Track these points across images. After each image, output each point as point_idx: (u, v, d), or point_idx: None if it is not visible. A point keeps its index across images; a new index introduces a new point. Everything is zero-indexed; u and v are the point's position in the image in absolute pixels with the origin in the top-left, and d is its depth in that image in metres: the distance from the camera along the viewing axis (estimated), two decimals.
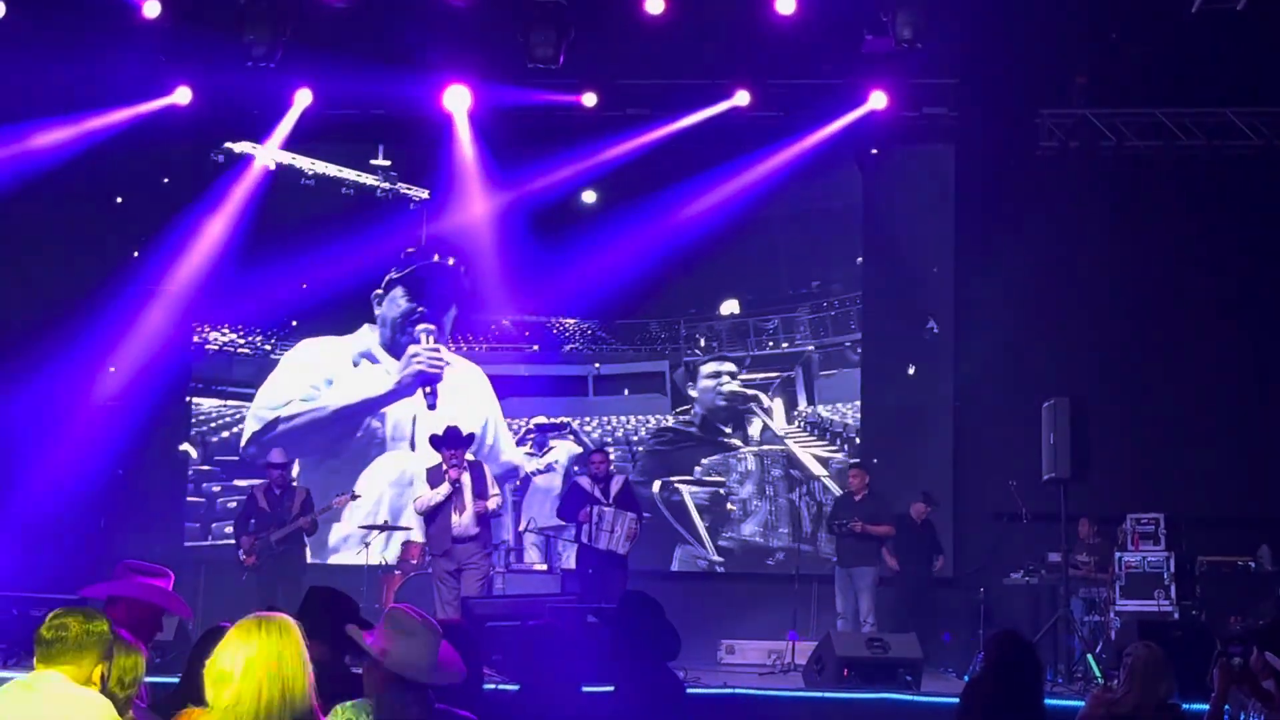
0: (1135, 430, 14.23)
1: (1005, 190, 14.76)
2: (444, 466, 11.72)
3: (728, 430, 15.58)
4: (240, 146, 15.59)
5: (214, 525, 15.28)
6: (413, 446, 15.49)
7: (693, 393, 15.71)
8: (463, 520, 11.64)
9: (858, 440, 14.98)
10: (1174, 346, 14.53)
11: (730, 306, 15.59)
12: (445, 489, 11.64)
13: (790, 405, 15.40)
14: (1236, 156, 14.57)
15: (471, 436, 12.14)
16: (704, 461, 15.57)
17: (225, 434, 15.65)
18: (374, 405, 15.82)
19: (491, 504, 11.85)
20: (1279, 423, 14.23)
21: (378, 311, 15.93)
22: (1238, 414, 14.33)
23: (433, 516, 11.76)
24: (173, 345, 15.19)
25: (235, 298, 15.57)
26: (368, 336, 15.87)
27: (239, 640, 3.90)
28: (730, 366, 15.68)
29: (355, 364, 15.89)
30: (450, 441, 11.81)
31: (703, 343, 15.65)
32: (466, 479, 11.71)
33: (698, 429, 15.67)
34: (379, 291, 15.87)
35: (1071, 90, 14.70)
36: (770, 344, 15.53)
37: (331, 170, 15.86)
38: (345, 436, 15.72)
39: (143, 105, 14.51)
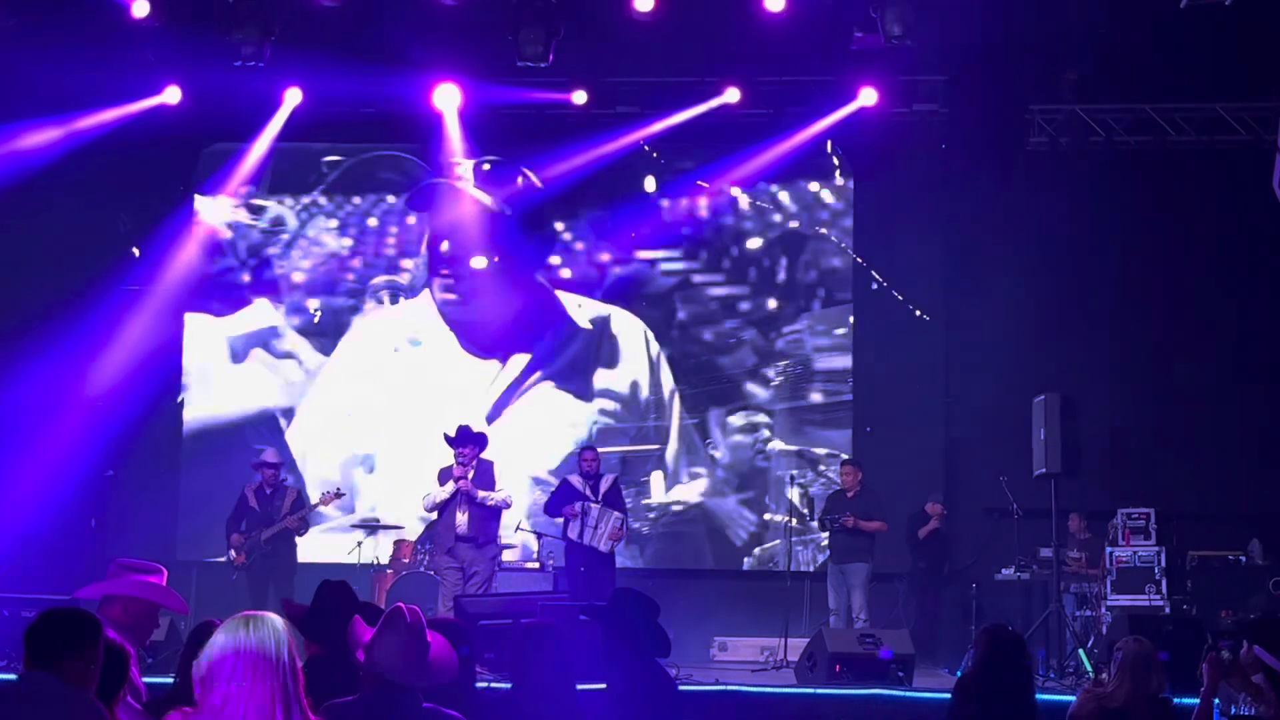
0: (1126, 425, 14.25)
1: (996, 186, 14.77)
2: (459, 467, 11.85)
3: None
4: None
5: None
6: None
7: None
8: (465, 518, 11.77)
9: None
10: (1164, 341, 14.56)
11: None
12: (450, 487, 11.77)
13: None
14: (1226, 151, 14.60)
15: (483, 436, 12.20)
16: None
17: None
18: None
19: (495, 498, 11.96)
20: (1269, 417, 14.26)
21: None
22: (1228, 409, 14.35)
23: (439, 513, 11.89)
24: (163, 344, 15.15)
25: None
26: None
27: (226, 639, 3.89)
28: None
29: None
30: (461, 440, 11.91)
31: None
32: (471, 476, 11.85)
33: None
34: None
35: (1061, 86, 14.73)
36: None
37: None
38: None
39: (132, 105, 14.49)
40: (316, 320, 15.51)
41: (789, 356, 15.15)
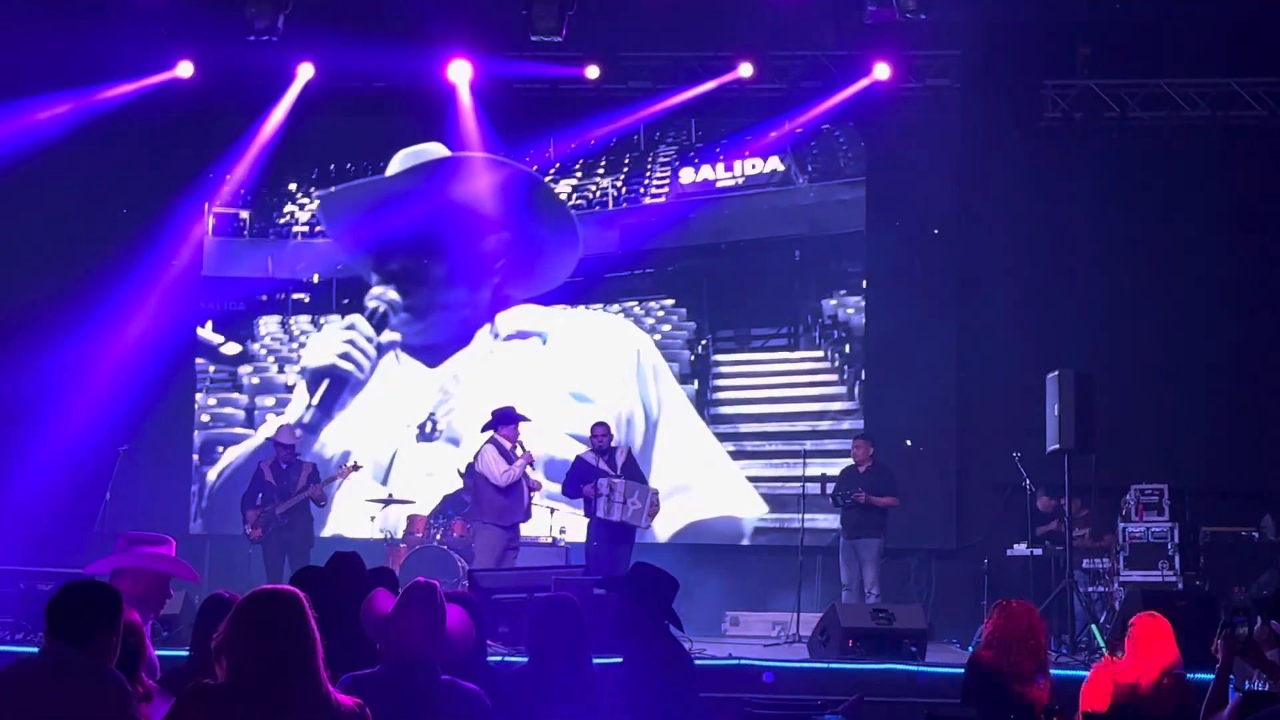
0: (1139, 401, 14.21)
1: (1009, 161, 14.71)
2: (510, 444, 11.99)
3: None
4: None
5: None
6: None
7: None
8: (527, 499, 12.09)
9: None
10: (1178, 318, 14.50)
11: None
12: (522, 465, 11.96)
13: None
14: (1241, 127, 14.54)
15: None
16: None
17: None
18: None
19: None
20: None
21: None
22: (1241, 385, 14.30)
23: (509, 490, 11.96)
24: (178, 318, 15.18)
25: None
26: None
27: (246, 614, 3.91)
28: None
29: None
30: (514, 418, 12.13)
31: None
32: None
33: None
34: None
35: (1075, 61, 14.67)
36: None
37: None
38: None
39: (145, 79, 14.48)
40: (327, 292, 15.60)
41: (798, 324, 15.21)
